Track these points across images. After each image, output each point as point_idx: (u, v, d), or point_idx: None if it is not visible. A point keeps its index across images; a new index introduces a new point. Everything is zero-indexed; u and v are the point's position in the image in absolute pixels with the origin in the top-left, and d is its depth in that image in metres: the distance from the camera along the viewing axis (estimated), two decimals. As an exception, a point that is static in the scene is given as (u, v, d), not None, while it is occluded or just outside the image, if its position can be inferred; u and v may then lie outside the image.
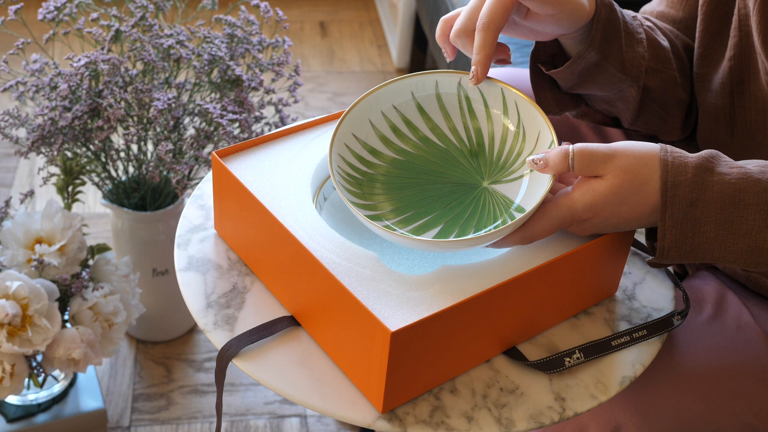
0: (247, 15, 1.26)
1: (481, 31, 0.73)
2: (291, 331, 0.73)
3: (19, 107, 1.28)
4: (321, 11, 2.67)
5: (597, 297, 0.78)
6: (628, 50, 0.80)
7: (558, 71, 0.80)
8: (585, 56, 0.78)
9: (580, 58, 0.78)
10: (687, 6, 0.92)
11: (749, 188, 0.66)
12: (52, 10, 1.20)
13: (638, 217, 0.69)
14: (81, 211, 1.82)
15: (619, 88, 0.83)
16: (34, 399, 1.28)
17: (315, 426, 1.41)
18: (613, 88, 0.83)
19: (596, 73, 0.80)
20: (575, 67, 0.79)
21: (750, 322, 0.85)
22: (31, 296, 1.11)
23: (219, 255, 0.80)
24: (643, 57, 0.82)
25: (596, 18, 0.77)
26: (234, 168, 0.79)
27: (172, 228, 1.39)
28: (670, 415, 0.79)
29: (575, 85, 0.82)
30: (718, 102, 0.87)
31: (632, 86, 0.83)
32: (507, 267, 0.71)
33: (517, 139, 0.76)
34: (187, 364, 1.50)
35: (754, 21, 0.80)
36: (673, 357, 0.81)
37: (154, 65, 1.18)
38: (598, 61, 0.79)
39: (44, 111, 1.17)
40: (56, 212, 1.18)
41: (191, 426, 1.40)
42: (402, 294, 0.68)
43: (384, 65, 2.43)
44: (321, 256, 0.70)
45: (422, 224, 0.75)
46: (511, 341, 0.73)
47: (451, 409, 0.68)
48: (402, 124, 0.79)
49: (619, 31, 0.79)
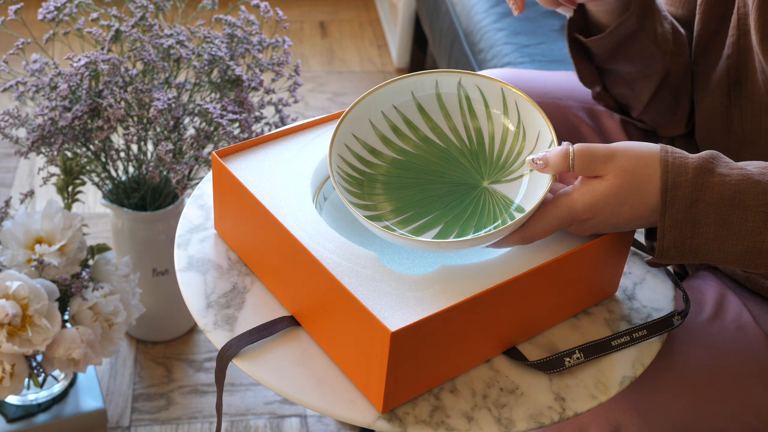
0: (247, 15, 1.26)
1: None
2: (291, 331, 0.73)
3: (19, 107, 1.28)
4: (321, 11, 2.67)
5: (597, 297, 0.78)
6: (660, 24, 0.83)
7: (596, 39, 0.83)
8: (625, 23, 0.81)
9: (621, 25, 0.81)
10: (687, 4, 0.92)
11: (749, 190, 0.66)
12: (52, 10, 1.20)
13: (638, 217, 0.69)
14: (81, 211, 1.82)
15: (648, 63, 0.85)
16: (34, 399, 1.28)
17: (315, 426, 1.41)
18: (643, 62, 0.85)
19: (631, 43, 0.83)
20: (613, 36, 0.82)
21: (750, 323, 0.85)
22: (31, 296, 1.11)
23: (219, 255, 0.80)
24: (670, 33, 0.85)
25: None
26: (234, 168, 0.79)
27: (172, 228, 1.39)
28: (670, 415, 0.79)
29: (609, 56, 0.85)
30: (715, 101, 0.87)
31: (660, 61, 0.85)
32: (507, 267, 0.71)
33: (517, 139, 0.76)
34: (187, 364, 1.50)
35: (752, 20, 0.80)
36: (673, 357, 0.81)
37: (154, 65, 1.18)
38: (635, 30, 0.82)
39: (44, 111, 1.17)
40: (56, 212, 1.18)
41: (191, 426, 1.40)
42: (402, 294, 0.68)
43: (384, 65, 2.43)
44: (321, 256, 0.70)
45: (422, 224, 0.75)
46: (511, 341, 0.72)
47: (451, 409, 0.68)
48: (402, 123, 0.79)
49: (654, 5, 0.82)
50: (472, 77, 0.78)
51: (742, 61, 0.84)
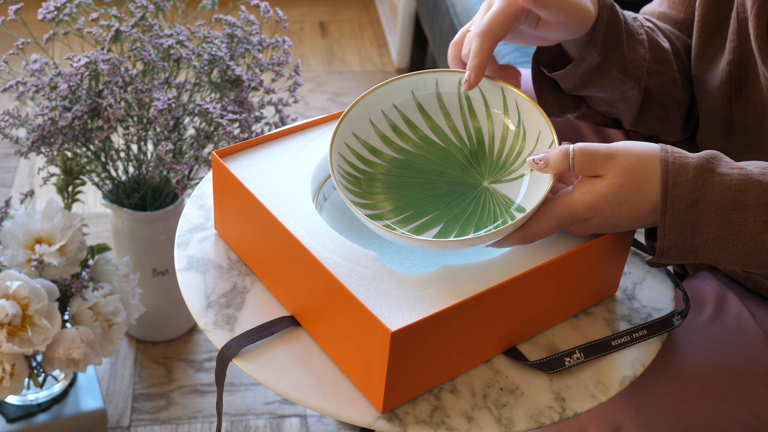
0: (247, 15, 1.26)
1: (478, 37, 0.72)
2: (291, 331, 0.73)
3: (19, 107, 1.28)
4: (321, 11, 2.67)
5: (597, 297, 0.78)
6: (629, 51, 0.80)
7: (560, 73, 0.81)
8: (587, 58, 0.78)
9: (582, 60, 0.78)
10: (688, 7, 0.92)
11: (750, 189, 0.66)
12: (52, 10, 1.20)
13: (638, 217, 0.69)
14: (81, 211, 1.82)
15: (621, 89, 0.83)
16: (34, 399, 1.28)
17: (315, 426, 1.41)
18: (615, 89, 0.83)
19: (598, 74, 0.80)
20: (577, 69, 0.79)
21: (750, 323, 0.85)
22: (31, 296, 1.11)
23: (219, 255, 0.80)
24: (645, 58, 0.82)
25: (599, 20, 0.77)
26: (234, 168, 0.79)
27: (172, 228, 1.39)
28: (670, 416, 0.79)
29: (577, 86, 0.82)
30: (716, 106, 0.87)
31: (634, 87, 0.83)
32: (507, 267, 0.71)
33: (518, 139, 0.76)
34: (187, 364, 1.50)
35: (751, 26, 0.80)
36: (673, 357, 0.81)
37: (154, 65, 1.18)
38: (600, 62, 0.79)
39: (44, 111, 1.17)
40: (56, 212, 1.18)
41: (191, 426, 1.40)
42: (402, 294, 0.68)
43: (384, 65, 2.43)
44: (321, 256, 0.70)
45: (422, 224, 0.75)
46: (511, 341, 0.72)
47: (451, 409, 0.68)
48: (402, 123, 0.79)
49: (620, 33, 0.79)
50: (473, 77, 0.77)
51: (743, 66, 0.83)
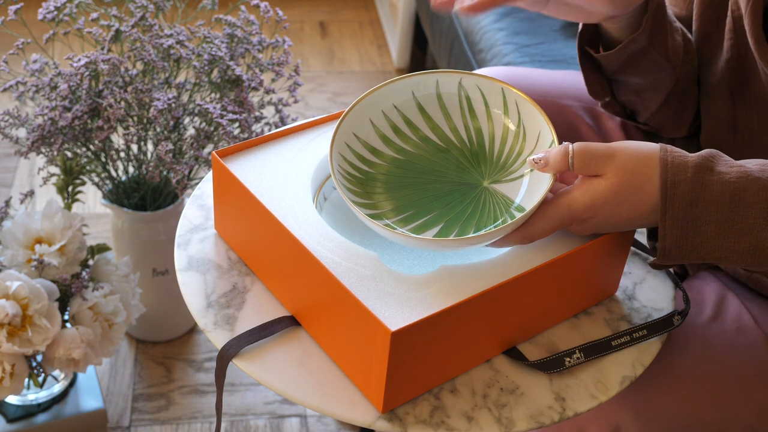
0: (247, 15, 1.26)
1: None
2: (291, 331, 0.73)
3: (19, 107, 1.28)
4: (321, 11, 2.67)
5: (597, 297, 0.78)
6: (671, 38, 0.82)
7: (608, 54, 0.82)
8: (636, 40, 0.80)
9: (632, 41, 0.80)
10: (690, 4, 0.92)
11: (749, 187, 0.66)
12: (52, 10, 1.20)
13: (638, 217, 0.69)
14: (81, 211, 1.82)
15: (658, 75, 0.84)
16: (34, 399, 1.28)
17: (315, 426, 1.41)
18: (653, 75, 0.84)
19: (641, 58, 0.82)
20: (625, 51, 0.81)
21: (750, 323, 0.85)
22: (31, 296, 1.11)
23: (219, 255, 0.80)
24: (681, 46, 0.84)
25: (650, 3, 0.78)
26: (234, 168, 0.79)
27: (172, 228, 1.39)
28: (670, 416, 0.79)
29: (619, 69, 0.84)
30: (719, 103, 0.87)
31: (670, 74, 0.85)
32: (507, 267, 0.71)
33: (518, 139, 0.76)
34: (187, 364, 1.50)
35: (746, 24, 0.80)
36: (673, 357, 0.81)
37: (154, 65, 1.18)
38: (645, 47, 0.80)
39: (44, 111, 1.17)
40: (56, 212, 1.18)
41: (191, 426, 1.40)
42: (402, 294, 0.68)
43: (384, 65, 2.43)
44: (321, 256, 0.70)
45: (422, 223, 0.75)
46: (511, 341, 0.72)
47: (451, 409, 0.68)
48: (402, 123, 0.79)
49: (666, 19, 0.81)
50: (473, 77, 0.78)
51: (742, 63, 0.83)
